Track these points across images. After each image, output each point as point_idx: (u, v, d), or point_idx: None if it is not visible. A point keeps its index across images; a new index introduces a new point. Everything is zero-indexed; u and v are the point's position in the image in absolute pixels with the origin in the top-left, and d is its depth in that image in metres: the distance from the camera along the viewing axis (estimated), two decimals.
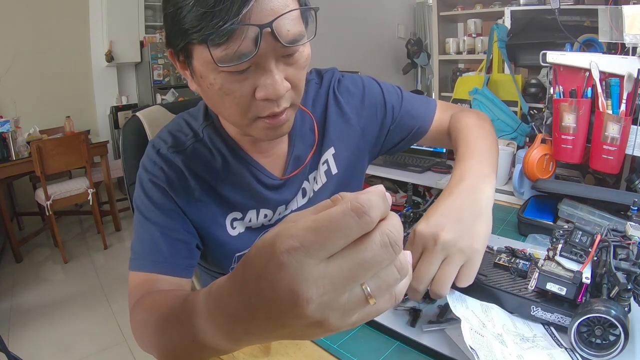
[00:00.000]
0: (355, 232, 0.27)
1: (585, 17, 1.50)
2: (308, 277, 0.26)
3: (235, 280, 0.31)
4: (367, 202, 0.27)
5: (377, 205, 0.27)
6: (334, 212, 0.27)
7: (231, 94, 0.54)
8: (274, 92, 0.53)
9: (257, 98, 0.54)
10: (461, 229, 0.53)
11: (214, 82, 0.54)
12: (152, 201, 0.65)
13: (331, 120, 0.78)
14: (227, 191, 0.70)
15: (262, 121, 0.58)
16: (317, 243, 0.26)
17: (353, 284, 0.27)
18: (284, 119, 0.59)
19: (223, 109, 0.58)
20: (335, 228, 0.26)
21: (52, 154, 2.63)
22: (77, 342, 2.01)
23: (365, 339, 0.58)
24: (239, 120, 0.59)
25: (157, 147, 0.68)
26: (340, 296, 0.27)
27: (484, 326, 0.52)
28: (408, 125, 0.82)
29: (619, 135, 0.97)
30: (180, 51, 0.55)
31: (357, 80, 0.82)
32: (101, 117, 4.15)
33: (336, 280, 0.27)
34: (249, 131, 0.61)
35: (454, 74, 2.70)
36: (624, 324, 0.47)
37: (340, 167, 0.79)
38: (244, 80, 0.53)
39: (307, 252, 0.26)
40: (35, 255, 3.00)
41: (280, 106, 0.56)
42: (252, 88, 0.54)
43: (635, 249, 0.52)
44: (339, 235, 0.26)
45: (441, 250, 0.52)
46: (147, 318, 0.52)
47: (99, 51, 3.99)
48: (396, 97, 0.82)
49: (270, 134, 0.61)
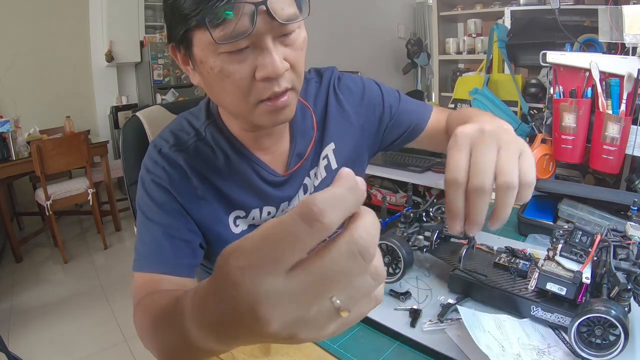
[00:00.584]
0: (309, 242, 0.23)
1: (585, 17, 1.50)
2: (266, 295, 0.23)
3: (211, 286, 0.29)
4: (320, 204, 0.23)
5: (336, 206, 0.23)
6: (283, 220, 0.23)
7: (231, 76, 0.55)
8: (273, 71, 0.54)
9: (257, 78, 0.55)
10: (501, 128, 0.48)
11: (214, 65, 0.55)
12: (154, 201, 0.65)
13: (332, 116, 0.78)
14: (229, 189, 0.70)
15: (264, 104, 0.58)
16: (268, 257, 0.23)
17: (319, 299, 0.24)
18: (286, 101, 0.59)
19: (224, 95, 0.59)
20: (284, 239, 0.23)
21: (52, 154, 2.63)
22: (77, 342, 2.00)
23: (365, 339, 0.58)
24: (241, 107, 0.59)
25: (159, 146, 0.68)
26: (307, 312, 0.24)
27: (504, 349, 0.52)
28: (405, 123, 0.83)
29: (619, 135, 0.97)
30: (181, 42, 0.57)
31: (357, 80, 0.83)
32: (101, 117, 4.15)
33: (298, 297, 0.24)
34: (252, 118, 0.61)
35: (454, 74, 2.70)
36: (624, 324, 0.47)
37: (340, 162, 0.80)
38: (242, 62, 0.55)
39: (259, 268, 0.23)
40: (35, 255, 3.00)
41: (281, 86, 0.57)
42: (251, 69, 0.55)
43: (635, 249, 0.52)
44: (289, 247, 0.23)
45: (492, 137, 0.46)
46: (145, 319, 0.52)
47: (99, 51, 3.98)
48: (394, 97, 0.84)
49: (274, 119, 0.60)
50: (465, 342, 0.54)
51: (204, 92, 0.67)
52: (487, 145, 0.45)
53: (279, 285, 0.23)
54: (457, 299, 0.64)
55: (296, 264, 0.24)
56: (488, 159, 0.45)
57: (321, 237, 0.23)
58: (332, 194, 0.23)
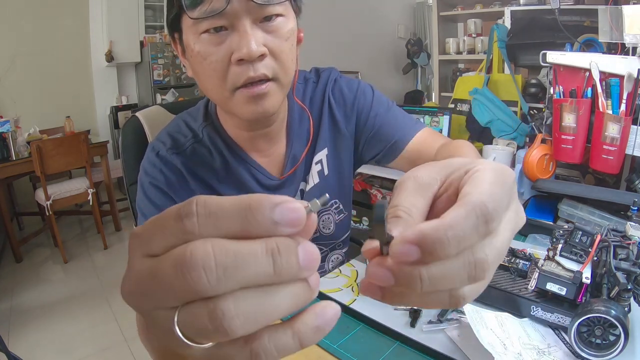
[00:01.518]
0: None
1: (585, 17, 1.50)
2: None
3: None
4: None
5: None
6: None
7: (208, 58, 0.57)
8: (247, 52, 0.54)
9: (232, 61, 0.56)
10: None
11: (194, 47, 0.57)
12: (153, 203, 0.66)
13: (325, 121, 0.77)
14: (226, 192, 0.70)
15: (240, 92, 0.58)
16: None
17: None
18: (264, 90, 0.58)
19: (206, 80, 0.60)
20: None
21: (52, 154, 2.63)
22: (77, 342, 2.00)
23: (365, 339, 0.58)
24: (220, 93, 0.60)
25: (157, 149, 0.68)
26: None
27: (506, 348, 0.52)
28: (385, 136, 0.77)
29: (619, 135, 0.97)
30: (174, 29, 0.60)
31: (352, 84, 0.80)
32: (101, 117, 4.15)
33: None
34: (232, 107, 0.61)
35: (454, 74, 2.70)
36: (624, 324, 0.47)
37: (331, 169, 0.79)
38: (220, 44, 0.56)
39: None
40: (35, 255, 3.00)
41: (257, 71, 0.56)
42: (228, 52, 0.56)
43: (635, 249, 0.52)
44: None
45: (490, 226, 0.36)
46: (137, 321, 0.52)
47: (99, 51, 3.98)
48: (384, 108, 0.79)
49: (252, 109, 0.59)
50: (465, 342, 0.54)
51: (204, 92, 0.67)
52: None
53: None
54: None
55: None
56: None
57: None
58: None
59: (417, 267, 0.21)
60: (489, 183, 0.24)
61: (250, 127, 0.68)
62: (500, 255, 0.24)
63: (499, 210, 0.23)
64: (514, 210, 0.26)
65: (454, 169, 0.27)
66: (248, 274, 0.19)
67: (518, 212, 0.27)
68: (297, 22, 0.63)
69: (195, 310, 0.19)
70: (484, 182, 0.24)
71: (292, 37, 0.60)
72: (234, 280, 0.19)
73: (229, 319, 0.19)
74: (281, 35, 0.58)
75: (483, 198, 0.22)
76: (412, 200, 0.25)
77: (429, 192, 0.26)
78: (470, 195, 0.23)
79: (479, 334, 0.52)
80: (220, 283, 0.19)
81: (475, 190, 0.23)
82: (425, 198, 0.26)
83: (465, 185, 0.25)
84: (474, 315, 0.55)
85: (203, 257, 0.19)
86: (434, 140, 0.75)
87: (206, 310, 0.19)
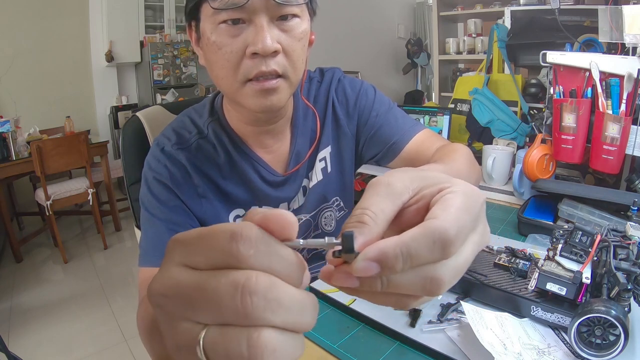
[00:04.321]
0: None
1: (585, 17, 1.50)
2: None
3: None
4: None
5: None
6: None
7: (223, 48, 0.58)
8: (262, 47, 0.55)
9: (247, 54, 0.57)
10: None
11: (210, 36, 0.58)
12: (156, 198, 0.66)
13: (328, 120, 0.78)
14: (230, 188, 0.71)
15: (251, 84, 0.59)
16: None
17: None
18: (274, 85, 0.59)
19: (218, 69, 0.61)
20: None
21: (52, 154, 2.63)
22: (77, 342, 2.00)
23: (365, 339, 0.58)
24: (230, 83, 0.60)
25: (162, 144, 0.69)
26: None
27: (506, 348, 0.52)
28: (385, 137, 0.78)
29: (619, 135, 0.97)
30: (192, 17, 0.62)
31: (355, 84, 0.81)
32: (101, 117, 4.15)
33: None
34: (240, 99, 0.62)
35: (454, 74, 2.70)
36: (624, 324, 0.47)
37: (333, 167, 0.80)
38: (236, 36, 0.57)
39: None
40: (35, 255, 3.00)
41: (269, 66, 0.58)
42: (243, 45, 0.57)
43: (635, 249, 0.52)
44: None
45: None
46: (143, 322, 0.52)
47: (99, 51, 3.98)
48: (384, 108, 0.80)
49: (260, 102, 0.61)
50: (465, 342, 0.54)
51: (204, 91, 0.67)
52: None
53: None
54: (457, 299, 0.64)
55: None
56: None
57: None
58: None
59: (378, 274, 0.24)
60: (457, 208, 0.25)
61: (256, 122, 0.69)
62: (458, 273, 0.26)
63: (460, 236, 0.25)
64: (480, 233, 0.28)
65: (428, 183, 0.28)
66: (291, 318, 0.21)
67: (483, 234, 0.28)
68: (311, 25, 0.64)
69: (233, 334, 0.20)
70: (452, 207, 0.25)
71: (304, 38, 0.61)
72: (280, 318, 0.21)
73: (270, 351, 0.20)
74: (295, 35, 0.59)
75: (446, 225, 0.24)
76: (381, 206, 0.26)
77: (399, 200, 0.27)
78: (435, 220, 0.24)
79: (479, 334, 0.52)
80: (272, 315, 0.20)
81: (442, 214, 0.25)
82: (395, 205, 0.27)
83: (434, 206, 0.26)
84: (474, 315, 0.55)
85: (265, 288, 0.20)
86: (432, 142, 0.76)
87: (246, 337, 0.20)
